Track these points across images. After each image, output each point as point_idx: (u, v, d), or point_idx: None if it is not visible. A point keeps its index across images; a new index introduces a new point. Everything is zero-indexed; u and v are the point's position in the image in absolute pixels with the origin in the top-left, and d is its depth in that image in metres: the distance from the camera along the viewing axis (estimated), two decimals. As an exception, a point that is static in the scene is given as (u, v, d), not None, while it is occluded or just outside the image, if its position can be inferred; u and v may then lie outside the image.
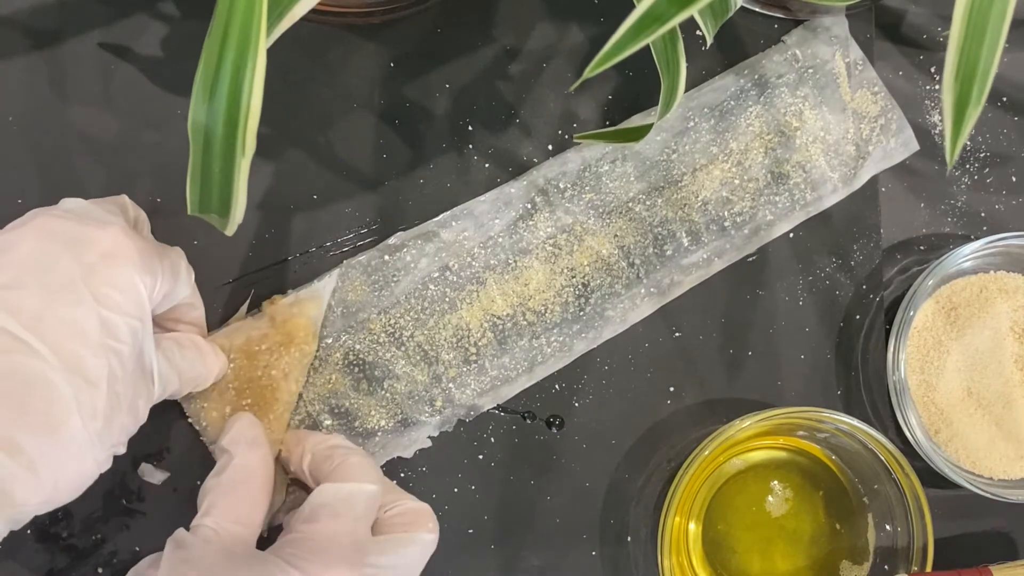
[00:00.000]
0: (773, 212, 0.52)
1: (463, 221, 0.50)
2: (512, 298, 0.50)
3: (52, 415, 0.37)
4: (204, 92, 0.33)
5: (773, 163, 0.52)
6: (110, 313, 0.38)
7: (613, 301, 0.51)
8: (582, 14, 0.52)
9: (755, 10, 0.52)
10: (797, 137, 0.52)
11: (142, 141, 0.49)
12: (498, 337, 0.50)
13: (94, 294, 0.38)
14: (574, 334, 0.50)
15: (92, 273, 0.38)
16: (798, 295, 0.53)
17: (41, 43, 0.48)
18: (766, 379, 0.52)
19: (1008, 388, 0.52)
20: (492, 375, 0.50)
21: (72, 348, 0.37)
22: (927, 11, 0.55)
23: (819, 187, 0.52)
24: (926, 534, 0.49)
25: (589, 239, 0.51)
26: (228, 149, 0.33)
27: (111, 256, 0.39)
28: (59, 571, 0.47)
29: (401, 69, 0.51)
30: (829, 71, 0.52)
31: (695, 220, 0.51)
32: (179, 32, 0.49)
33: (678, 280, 0.51)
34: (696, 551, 0.51)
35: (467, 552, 0.50)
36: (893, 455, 0.48)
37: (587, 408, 0.51)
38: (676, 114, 0.51)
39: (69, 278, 0.38)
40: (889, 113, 0.53)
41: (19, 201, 0.48)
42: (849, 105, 0.52)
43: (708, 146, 0.52)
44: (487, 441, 0.50)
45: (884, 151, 0.53)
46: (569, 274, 0.50)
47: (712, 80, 0.52)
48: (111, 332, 0.38)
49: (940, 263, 0.50)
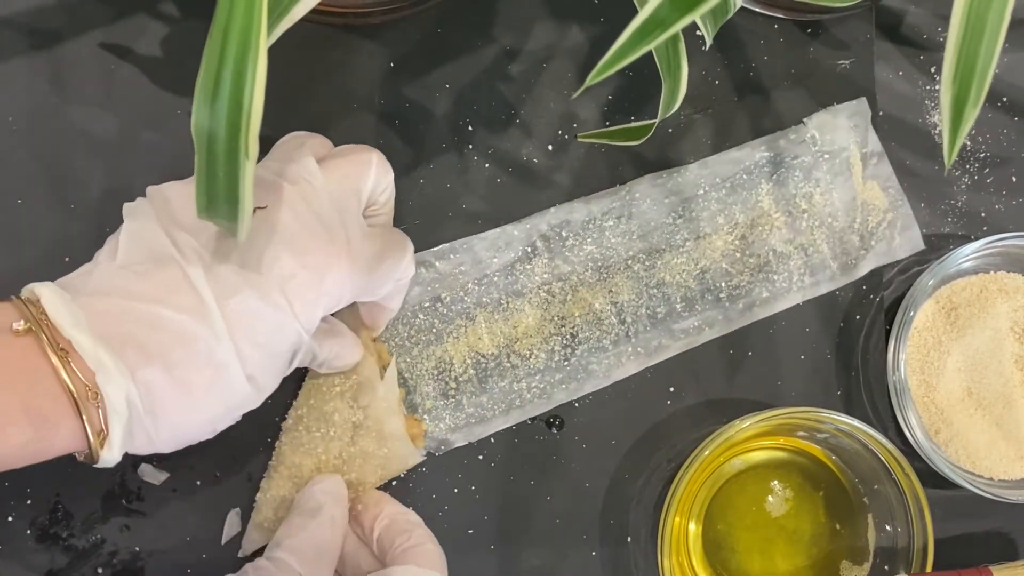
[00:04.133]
0: (769, 290, 0.52)
1: (462, 255, 0.50)
2: (499, 338, 0.50)
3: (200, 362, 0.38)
4: (206, 95, 0.33)
5: (777, 242, 0.52)
6: (295, 324, 0.40)
7: (599, 356, 0.51)
8: (582, 14, 0.52)
9: (755, 10, 0.52)
10: (804, 220, 0.52)
11: (142, 141, 0.49)
12: (479, 375, 0.50)
13: (289, 302, 0.39)
14: (556, 383, 0.50)
15: (297, 284, 0.39)
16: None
17: (41, 44, 0.48)
18: (766, 379, 0.52)
19: (1008, 388, 0.52)
20: (468, 412, 0.50)
21: (241, 341, 0.38)
22: (927, 11, 0.55)
23: (818, 272, 0.52)
24: (926, 534, 0.49)
25: (584, 291, 0.51)
26: (232, 152, 0.33)
27: (328, 284, 0.40)
28: (59, 571, 0.47)
29: (401, 69, 0.51)
30: (845, 159, 0.52)
31: (691, 287, 0.51)
32: (179, 32, 0.49)
33: (666, 344, 0.51)
34: (696, 551, 0.51)
35: (467, 552, 0.50)
36: (893, 455, 0.48)
37: (587, 408, 0.51)
38: (688, 180, 0.51)
39: (278, 278, 0.39)
40: (898, 209, 0.53)
41: (19, 201, 0.48)
42: (860, 195, 0.52)
43: (715, 215, 0.52)
44: (487, 441, 0.50)
45: (888, 247, 0.53)
46: (559, 322, 0.50)
47: (728, 151, 0.52)
48: (283, 336, 0.40)
49: (940, 263, 0.50)
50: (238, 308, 0.38)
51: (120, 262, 0.38)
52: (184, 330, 0.37)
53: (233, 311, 0.38)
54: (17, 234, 0.48)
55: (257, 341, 0.39)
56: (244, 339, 0.38)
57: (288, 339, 0.40)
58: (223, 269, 0.38)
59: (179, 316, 0.37)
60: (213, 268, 0.38)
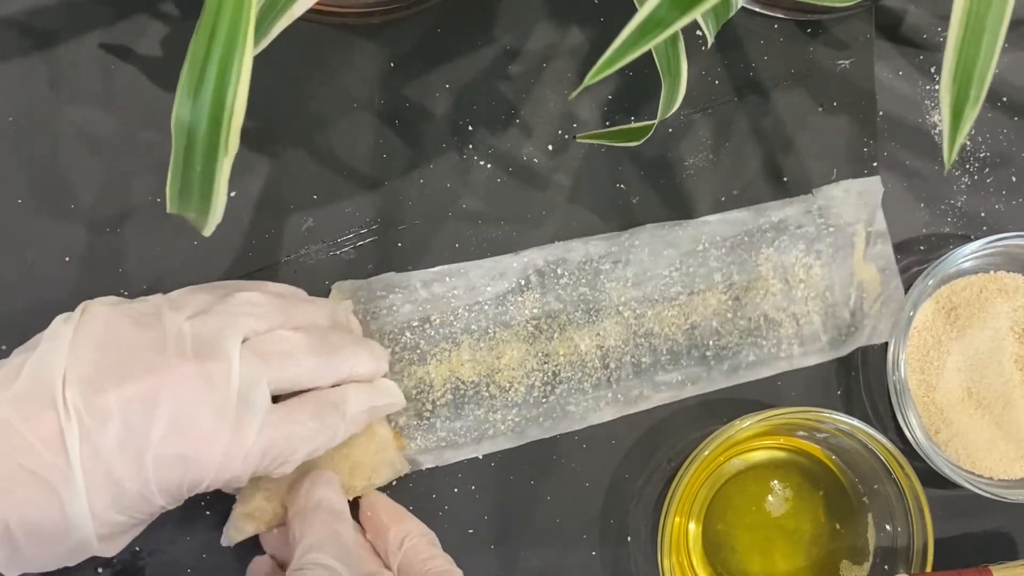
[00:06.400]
0: (756, 355, 0.52)
1: (456, 279, 0.50)
2: (481, 367, 0.50)
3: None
4: (189, 89, 0.33)
5: (770, 308, 0.52)
6: (156, 500, 0.40)
7: (578, 397, 0.50)
8: (582, 14, 0.52)
9: (755, 10, 0.52)
10: (800, 290, 0.52)
11: (142, 141, 0.49)
12: (457, 400, 0.49)
13: (152, 477, 0.39)
14: (531, 419, 0.50)
15: (165, 460, 0.39)
16: (798, 295, 0.53)
17: (41, 43, 0.48)
18: (766, 379, 0.52)
19: (1008, 388, 0.52)
20: (440, 436, 0.49)
21: (99, 506, 0.39)
22: (927, 11, 0.55)
23: (807, 344, 0.52)
24: (926, 534, 0.49)
25: (572, 330, 0.50)
26: (211, 148, 0.33)
27: (200, 476, 0.40)
28: (59, 571, 0.47)
29: (401, 69, 0.51)
30: (849, 235, 0.52)
31: (679, 341, 0.51)
32: (179, 32, 0.49)
33: (647, 395, 0.51)
34: (696, 551, 0.51)
35: (467, 552, 0.50)
36: (893, 455, 0.48)
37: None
38: (689, 234, 0.51)
39: (152, 447, 0.39)
40: (892, 292, 0.53)
41: (19, 201, 0.48)
42: (857, 274, 0.52)
43: (712, 273, 0.51)
44: (487, 441, 0.50)
45: (875, 329, 0.52)
46: (543, 358, 0.50)
47: (732, 211, 0.52)
48: (144, 506, 0.40)
49: (940, 263, 0.50)
50: (102, 477, 0.38)
51: (15, 392, 0.38)
52: (44, 486, 0.37)
53: (96, 478, 0.38)
54: (17, 234, 0.48)
55: (114, 508, 0.39)
56: (101, 505, 0.38)
57: (145, 510, 0.40)
58: (98, 437, 0.38)
59: (42, 473, 0.37)
60: (89, 433, 0.38)
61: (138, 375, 0.39)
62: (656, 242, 0.51)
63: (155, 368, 0.39)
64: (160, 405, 0.39)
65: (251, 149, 0.49)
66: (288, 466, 0.42)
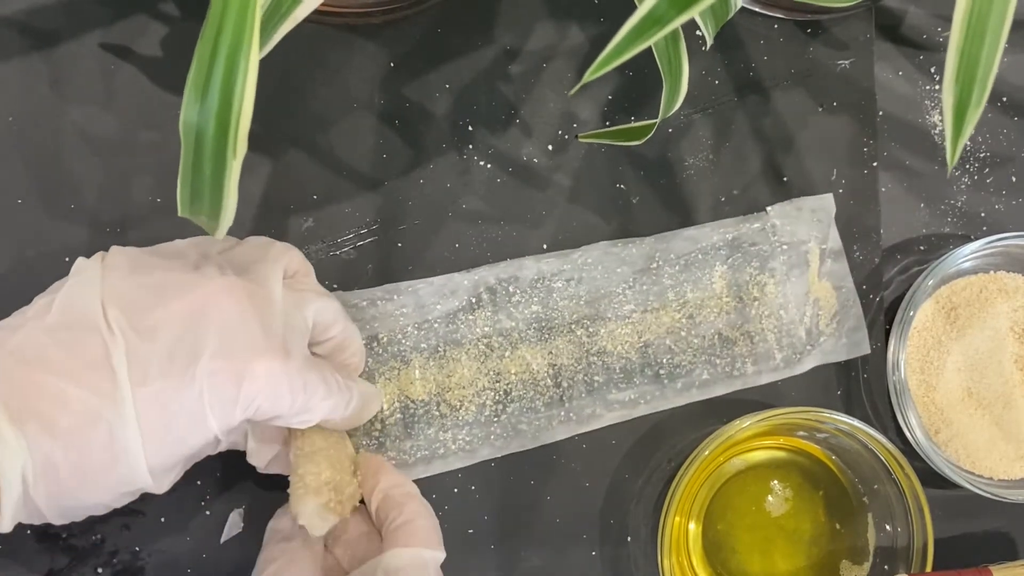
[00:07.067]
0: (710, 373, 0.51)
1: (405, 297, 0.49)
2: (431, 385, 0.49)
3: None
4: (196, 92, 0.33)
5: (724, 326, 0.51)
6: (210, 422, 0.38)
7: (529, 416, 0.50)
8: (582, 14, 0.52)
9: (755, 10, 0.52)
10: (754, 308, 0.52)
11: (142, 141, 0.49)
12: (406, 420, 0.49)
13: (207, 400, 0.38)
14: (482, 438, 0.50)
15: (219, 381, 0.38)
16: (798, 295, 0.53)
17: (41, 43, 0.48)
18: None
19: (1008, 388, 0.52)
20: (390, 455, 0.49)
21: (148, 431, 0.37)
22: (927, 12, 0.55)
23: (761, 362, 0.52)
24: (926, 534, 0.49)
25: (524, 349, 0.50)
26: (219, 150, 0.33)
27: (249, 389, 0.38)
28: (59, 571, 0.47)
29: (401, 69, 0.51)
30: (803, 252, 0.52)
31: (632, 359, 0.51)
32: (179, 32, 0.49)
33: (599, 414, 0.50)
34: (696, 551, 0.51)
35: (467, 552, 0.50)
36: (893, 455, 0.48)
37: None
38: (643, 252, 0.51)
39: (202, 372, 0.37)
40: (849, 310, 0.52)
41: (19, 201, 0.48)
42: (812, 291, 0.52)
43: (665, 291, 0.51)
44: (487, 441, 0.50)
45: (834, 346, 0.52)
46: (494, 377, 0.50)
47: (687, 228, 0.52)
48: (193, 432, 0.38)
49: (940, 263, 0.50)
50: (152, 397, 0.37)
51: (48, 324, 0.37)
52: (92, 412, 0.36)
53: (146, 399, 0.36)
54: (17, 234, 0.48)
55: (165, 433, 0.37)
56: (152, 429, 0.37)
57: (198, 436, 0.38)
58: (147, 353, 0.37)
59: (90, 397, 0.36)
60: (137, 351, 0.37)
61: (182, 292, 0.38)
62: (609, 259, 0.51)
63: (198, 284, 0.38)
64: (208, 317, 0.38)
65: (251, 149, 0.48)
66: (310, 415, 0.41)
